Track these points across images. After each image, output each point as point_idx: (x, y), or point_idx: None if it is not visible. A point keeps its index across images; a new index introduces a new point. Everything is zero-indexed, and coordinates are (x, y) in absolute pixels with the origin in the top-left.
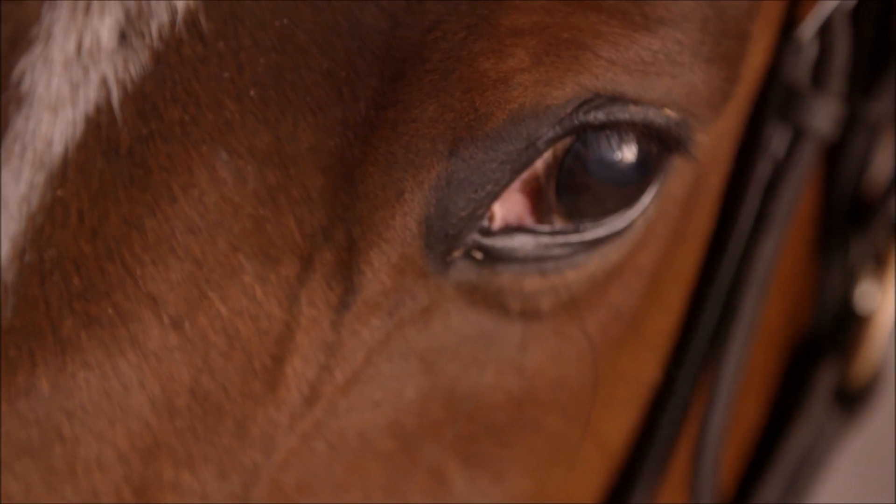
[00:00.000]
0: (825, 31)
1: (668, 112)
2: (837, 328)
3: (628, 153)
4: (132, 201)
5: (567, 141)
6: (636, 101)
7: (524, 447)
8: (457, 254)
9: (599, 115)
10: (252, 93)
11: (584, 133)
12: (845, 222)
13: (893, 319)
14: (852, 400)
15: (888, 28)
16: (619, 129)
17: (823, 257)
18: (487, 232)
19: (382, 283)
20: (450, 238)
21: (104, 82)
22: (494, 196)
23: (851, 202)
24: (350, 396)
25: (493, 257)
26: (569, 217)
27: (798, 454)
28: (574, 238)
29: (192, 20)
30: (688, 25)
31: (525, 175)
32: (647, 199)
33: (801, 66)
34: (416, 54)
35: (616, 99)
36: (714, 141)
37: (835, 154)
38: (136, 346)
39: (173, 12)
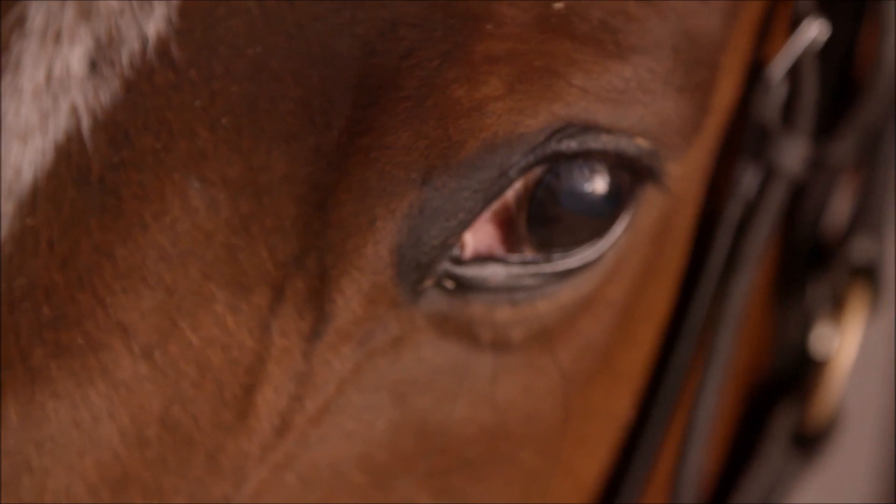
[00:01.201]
0: (794, 70)
1: (640, 141)
2: (796, 371)
3: (600, 184)
4: (103, 230)
5: (538, 172)
6: (609, 130)
7: (497, 482)
8: (428, 283)
9: (572, 144)
10: (225, 121)
11: (556, 162)
12: (805, 264)
13: (851, 363)
14: (810, 443)
15: (849, 70)
16: (591, 158)
17: (783, 299)
18: (458, 261)
19: (354, 312)
20: (421, 267)
21: (74, 111)
22: (466, 225)
23: (811, 244)
24: (321, 428)
25: (465, 287)
26: (539, 248)
27: (756, 495)
28: (545, 268)
29: (163, 48)
30: (660, 54)
31: (496, 205)
32: (618, 230)
33: (771, 105)
34: (391, 81)
35: (589, 128)
36: (685, 176)
37: (795, 195)
38: (106, 376)
39: (144, 40)
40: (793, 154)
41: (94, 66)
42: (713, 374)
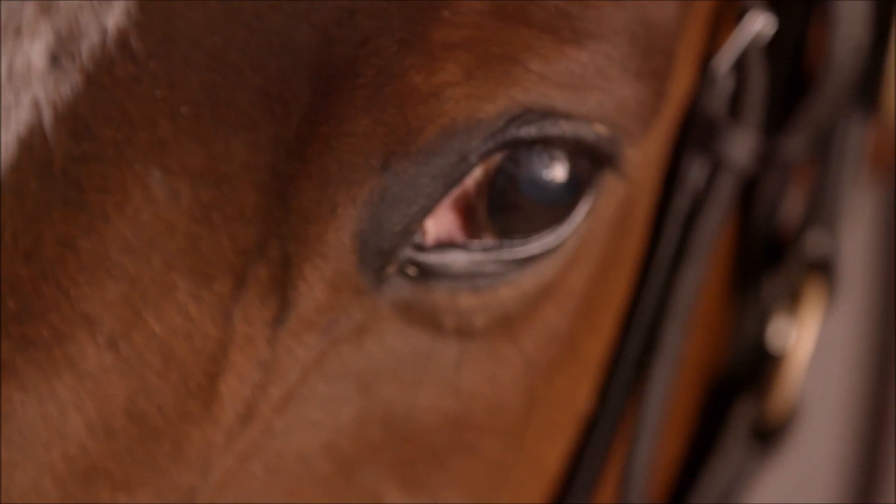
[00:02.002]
0: (741, 63)
1: (599, 128)
2: (754, 365)
3: (559, 171)
4: (66, 222)
5: (498, 159)
6: (567, 116)
7: (462, 471)
8: (391, 269)
9: (531, 130)
10: (185, 111)
11: (515, 149)
12: (761, 259)
13: (808, 357)
14: (769, 437)
15: (800, 65)
16: (550, 144)
17: (740, 295)
18: (420, 248)
19: (317, 300)
20: (384, 253)
21: (36, 104)
22: (427, 211)
23: (766, 239)
24: (286, 416)
25: (427, 273)
26: (500, 235)
27: (716, 490)
28: (506, 255)
29: (123, 40)
30: (617, 40)
31: (456, 192)
32: (578, 217)
33: (718, 97)
34: (349, 70)
35: (547, 114)
36: (643, 163)
37: (750, 191)
38: (72, 368)
39: (104, 33)
40: (740, 147)
41: (54, 59)
42: (661, 365)
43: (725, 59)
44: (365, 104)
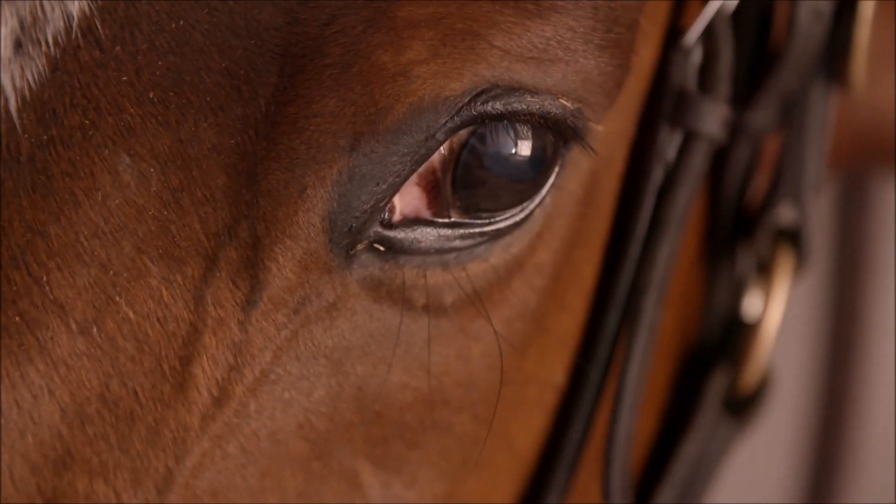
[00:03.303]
0: (709, 35)
1: (564, 101)
2: (726, 336)
3: (524, 147)
4: (35, 208)
5: (463, 135)
6: (532, 91)
7: (435, 449)
8: (360, 247)
9: (497, 105)
10: (152, 95)
11: (481, 124)
12: (731, 231)
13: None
14: (742, 406)
15: (767, 36)
16: (515, 119)
17: (711, 266)
18: (389, 225)
19: (287, 280)
20: (353, 231)
21: (2, 91)
22: (396, 188)
23: (736, 211)
24: (260, 397)
25: (396, 249)
26: (465, 211)
27: (691, 461)
28: (473, 229)
29: (88, 26)
30: (579, 13)
31: (422, 169)
32: (543, 190)
33: (687, 70)
34: (316, 49)
35: (513, 89)
36: (609, 136)
37: (719, 163)
38: (44, 354)
39: (69, 19)
40: (710, 118)
41: (19, 45)
42: (640, 338)
43: (693, 31)
44: (332, 84)
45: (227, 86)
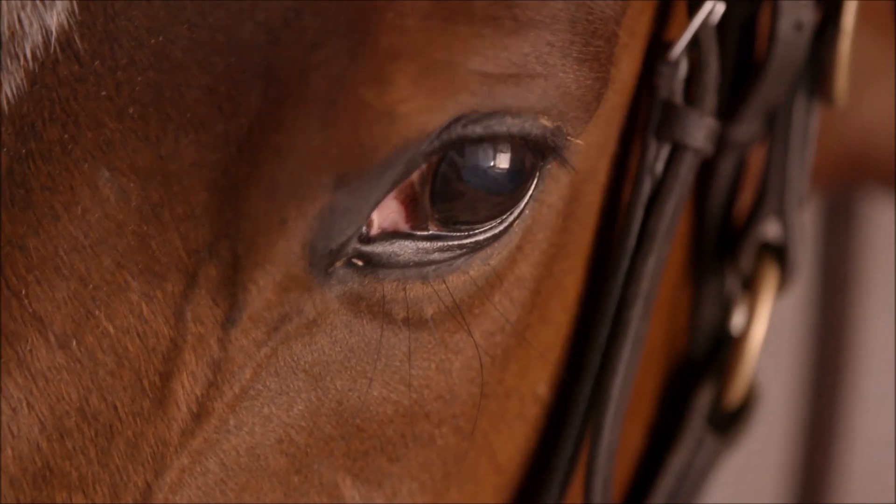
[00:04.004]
0: (694, 46)
1: (544, 121)
2: (712, 351)
3: (503, 161)
4: (14, 222)
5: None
6: (513, 113)
7: (416, 462)
8: (339, 264)
9: (477, 129)
10: (131, 110)
11: (461, 146)
12: (717, 245)
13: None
14: (729, 421)
15: (751, 47)
16: (496, 141)
17: (696, 280)
18: (367, 239)
19: (268, 300)
20: (333, 253)
21: None
22: (374, 208)
23: (722, 225)
24: (239, 413)
25: (374, 264)
26: (444, 223)
27: (677, 475)
28: (452, 242)
29: (66, 40)
30: (557, 27)
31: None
32: (522, 203)
33: (674, 82)
34: (300, 77)
35: (493, 112)
36: (589, 149)
37: (705, 177)
38: (23, 367)
39: (47, 33)
40: (697, 130)
41: None
42: (627, 352)
43: (680, 43)
44: (318, 121)
45: (207, 102)
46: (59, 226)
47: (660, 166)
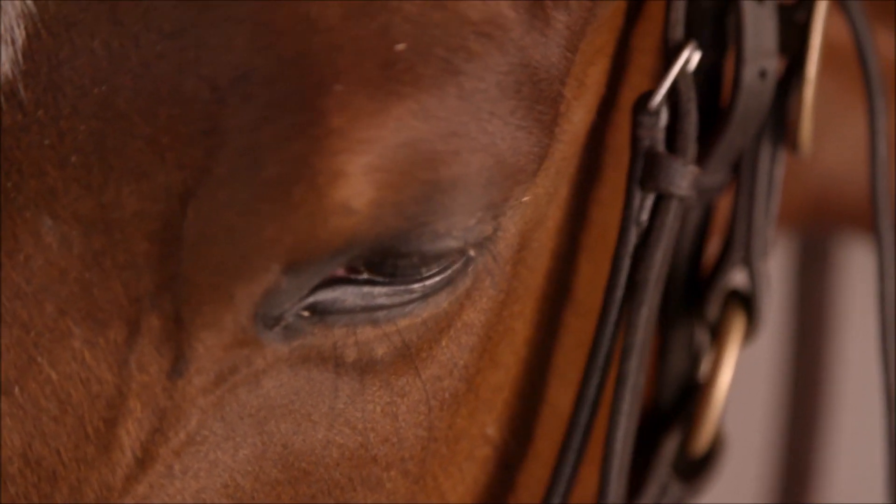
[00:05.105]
0: (674, 95)
1: (482, 226)
2: (679, 399)
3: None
4: None
5: None
6: (443, 234)
7: None
8: (286, 319)
9: (411, 246)
10: (74, 159)
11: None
12: (684, 293)
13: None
14: (695, 468)
15: (716, 96)
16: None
17: (665, 329)
18: (311, 289)
19: (214, 357)
20: (281, 315)
21: None
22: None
23: (690, 273)
24: (184, 458)
25: (321, 311)
26: (378, 271)
27: None
28: (399, 286)
29: (10, 89)
30: (501, 93)
31: None
32: (470, 253)
33: (656, 131)
34: (252, 153)
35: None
36: (539, 202)
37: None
38: None
39: None
40: (682, 178)
41: None
42: (624, 403)
43: (659, 92)
44: (271, 209)
45: (150, 152)
46: (1, 273)
47: (644, 215)
